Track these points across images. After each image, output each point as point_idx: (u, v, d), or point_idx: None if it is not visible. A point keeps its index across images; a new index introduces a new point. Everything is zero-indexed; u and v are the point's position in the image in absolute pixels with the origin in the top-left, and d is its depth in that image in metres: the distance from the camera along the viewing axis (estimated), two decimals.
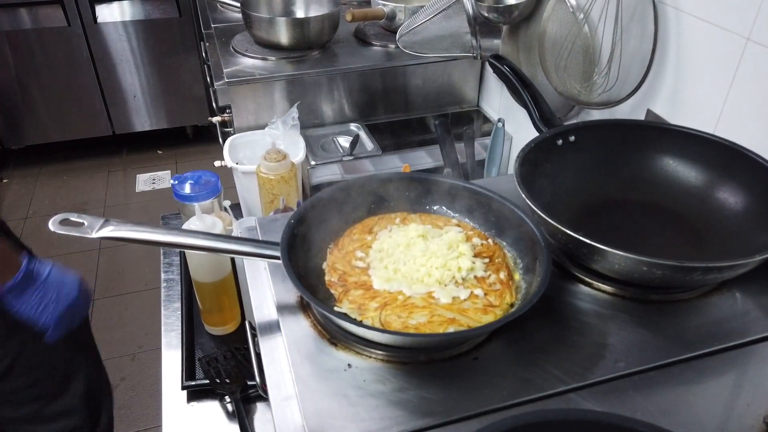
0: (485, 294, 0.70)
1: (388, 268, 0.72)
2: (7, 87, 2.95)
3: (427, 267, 0.72)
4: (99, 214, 2.85)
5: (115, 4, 2.97)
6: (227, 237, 0.73)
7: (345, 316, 0.67)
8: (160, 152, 3.41)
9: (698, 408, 0.61)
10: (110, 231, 0.71)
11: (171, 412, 1.03)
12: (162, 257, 1.39)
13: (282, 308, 0.73)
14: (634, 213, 0.88)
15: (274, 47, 1.58)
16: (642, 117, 1.04)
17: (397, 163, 1.44)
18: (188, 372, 1.08)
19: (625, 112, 1.07)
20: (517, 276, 0.74)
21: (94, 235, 0.69)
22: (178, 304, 1.24)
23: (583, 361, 0.66)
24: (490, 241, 0.79)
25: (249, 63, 1.55)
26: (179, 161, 3.32)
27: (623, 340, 0.69)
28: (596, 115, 1.15)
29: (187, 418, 1.02)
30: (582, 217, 0.87)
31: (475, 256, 0.76)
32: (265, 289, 0.78)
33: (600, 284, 0.76)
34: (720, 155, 0.83)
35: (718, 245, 0.78)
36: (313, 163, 1.43)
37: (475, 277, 0.72)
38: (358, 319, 0.67)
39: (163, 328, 1.20)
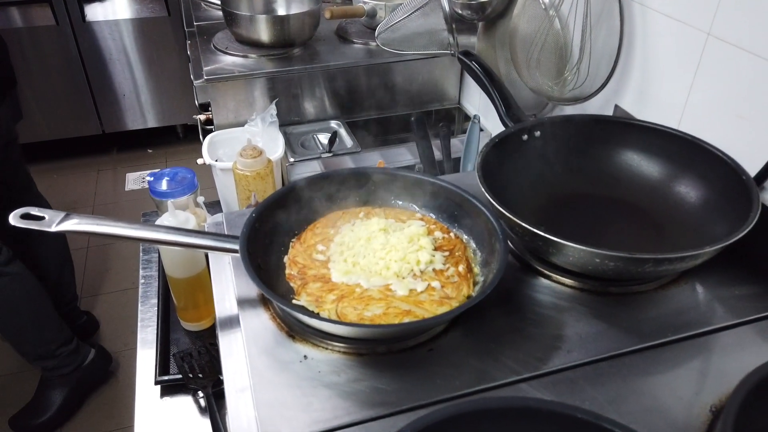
0: (442, 286, 0.71)
1: (347, 261, 0.73)
2: None
3: (386, 260, 0.72)
4: (88, 212, 2.86)
5: (104, 3, 2.97)
6: (188, 231, 0.73)
7: (302, 309, 0.67)
8: (150, 151, 3.41)
9: (646, 397, 0.62)
10: (72, 225, 0.71)
11: (144, 407, 1.04)
12: (141, 254, 1.40)
13: (242, 302, 0.74)
14: (597, 207, 0.88)
15: (254, 45, 1.58)
16: (611, 112, 1.05)
17: (376, 160, 1.45)
18: (162, 367, 1.08)
19: (596, 107, 1.08)
20: (476, 269, 0.75)
21: (54, 228, 0.70)
22: (155, 301, 1.25)
23: (536, 352, 0.67)
24: (452, 234, 0.80)
25: (229, 60, 1.56)
26: (169, 160, 3.33)
27: (578, 331, 0.69)
28: (569, 110, 1.16)
29: (159, 412, 1.03)
30: (547, 211, 0.88)
31: (436, 249, 0.76)
32: (228, 283, 0.79)
33: (559, 277, 0.77)
34: (681, 149, 0.84)
35: (678, 238, 0.79)
36: (291, 160, 1.43)
37: (434, 269, 0.73)
38: (316, 311, 0.68)
39: (139, 324, 1.21)
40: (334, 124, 1.59)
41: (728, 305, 0.73)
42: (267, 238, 0.76)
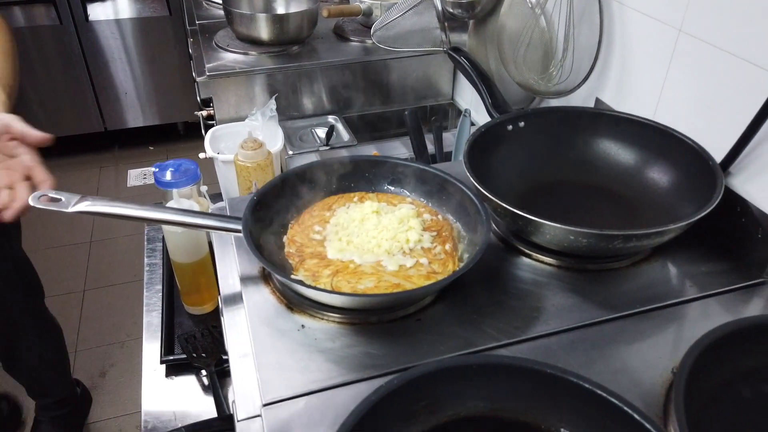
0: (430, 262, 0.76)
1: (342, 240, 0.79)
2: None
3: (378, 239, 0.78)
4: None
5: (106, 3, 3.02)
6: (194, 212, 0.79)
7: (300, 282, 0.73)
8: (152, 148, 3.47)
9: (615, 361, 0.67)
10: (86, 206, 0.77)
11: (150, 386, 1.09)
12: (145, 243, 1.46)
13: (245, 279, 0.79)
14: (577, 193, 0.94)
15: (255, 42, 1.64)
16: (592, 105, 1.10)
17: (371, 153, 1.51)
18: (167, 348, 1.14)
19: (579, 100, 1.14)
20: (462, 247, 0.81)
21: (71, 209, 0.75)
22: (159, 286, 1.30)
23: (516, 322, 0.72)
24: (439, 217, 0.85)
25: (231, 57, 1.61)
26: (171, 156, 3.38)
27: (555, 304, 0.75)
28: (554, 104, 1.21)
29: (165, 391, 1.08)
30: (530, 196, 0.93)
31: (425, 230, 0.82)
32: (231, 262, 0.84)
33: (540, 256, 0.83)
34: (654, 138, 0.90)
35: (650, 218, 0.85)
36: (290, 153, 1.49)
37: (422, 248, 0.79)
38: (313, 284, 0.74)
39: (144, 308, 1.27)
40: (331, 119, 1.65)
41: (695, 280, 0.79)
42: (267, 220, 0.82)
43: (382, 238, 0.78)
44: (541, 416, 0.58)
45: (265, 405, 0.62)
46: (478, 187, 0.78)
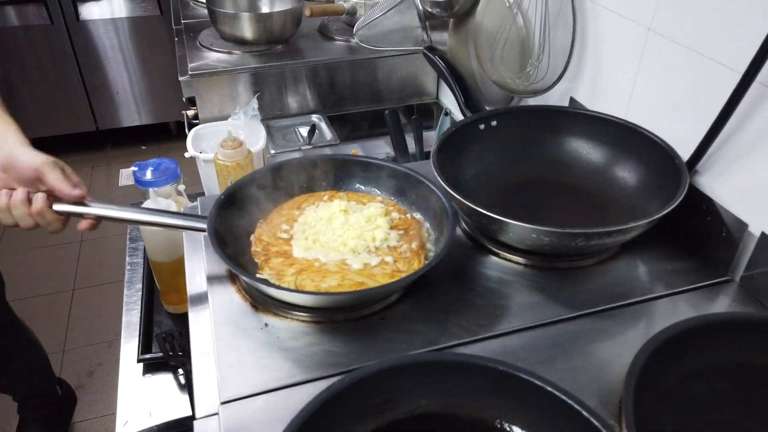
0: (395, 261, 0.77)
1: (308, 239, 0.79)
2: None
3: (344, 237, 0.78)
4: None
5: (97, 2, 3.02)
6: (160, 211, 0.79)
7: (265, 281, 0.73)
8: (144, 147, 3.47)
9: (575, 358, 0.68)
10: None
11: (127, 385, 1.10)
12: (128, 243, 1.46)
13: (212, 278, 0.80)
14: (549, 192, 0.94)
15: (238, 42, 1.64)
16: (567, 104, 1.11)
17: (352, 152, 1.51)
18: (144, 346, 1.14)
19: (555, 99, 1.14)
20: (429, 246, 0.81)
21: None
22: (140, 286, 1.31)
23: (479, 320, 0.73)
24: (408, 215, 0.86)
25: (214, 57, 1.61)
26: (162, 156, 3.37)
27: (519, 302, 0.76)
28: (532, 103, 1.22)
29: (142, 389, 1.09)
30: (502, 195, 0.94)
31: (393, 228, 0.82)
32: (200, 262, 0.85)
33: (508, 255, 0.83)
34: (624, 137, 0.90)
35: (618, 217, 0.85)
36: (273, 151, 1.49)
37: (388, 246, 0.79)
38: (277, 283, 0.74)
39: (124, 307, 1.27)
40: (315, 118, 1.65)
41: (661, 278, 0.79)
42: (236, 219, 0.82)
43: (348, 237, 0.78)
44: (495, 413, 0.58)
45: (223, 403, 0.62)
46: (444, 185, 0.78)
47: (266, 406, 0.62)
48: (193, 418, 0.99)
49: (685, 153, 0.83)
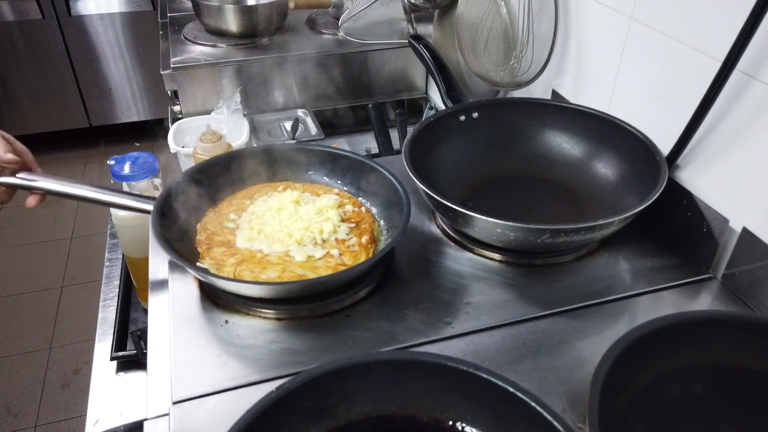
0: (341, 254, 0.74)
1: (253, 229, 0.77)
2: None
3: (290, 229, 0.76)
4: (74, 204, 2.86)
5: None
6: (108, 189, 0.77)
7: (204, 270, 0.71)
8: (138, 144, 3.44)
9: (545, 358, 0.65)
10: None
11: (99, 383, 1.07)
12: (108, 238, 1.43)
13: (174, 269, 0.77)
14: (528, 186, 0.92)
15: (223, 35, 1.62)
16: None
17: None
18: (119, 344, 1.12)
19: (540, 92, 1.11)
20: (382, 240, 0.79)
21: None
22: (117, 281, 1.28)
23: (447, 317, 0.70)
24: (363, 209, 0.83)
25: (198, 50, 1.59)
26: (156, 152, 3.36)
27: (491, 299, 0.73)
28: (517, 95, 1.19)
29: (114, 388, 1.06)
30: (480, 189, 0.91)
31: (344, 221, 0.80)
32: (165, 255, 0.82)
33: (483, 251, 0.80)
34: (605, 130, 0.87)
35: (596, 212, 0.83)
36: (255, 146, 1.46)
37: (336, 239, 0.77)
38: (216, 273, 0.71)
39: (101, 304, 1.24)
40: (300, 112, 1.62)
41: (641, 275, 0.77)
42: (188, 205, 0.80)
43: (294, 228, 0.76)
44: (455, 415, 0.56)
45: (174, 403, 0.60)
46: (412, 175, 0.75)
47: (218, 406, 0.60)
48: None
49: (667, 147, 0.80)
